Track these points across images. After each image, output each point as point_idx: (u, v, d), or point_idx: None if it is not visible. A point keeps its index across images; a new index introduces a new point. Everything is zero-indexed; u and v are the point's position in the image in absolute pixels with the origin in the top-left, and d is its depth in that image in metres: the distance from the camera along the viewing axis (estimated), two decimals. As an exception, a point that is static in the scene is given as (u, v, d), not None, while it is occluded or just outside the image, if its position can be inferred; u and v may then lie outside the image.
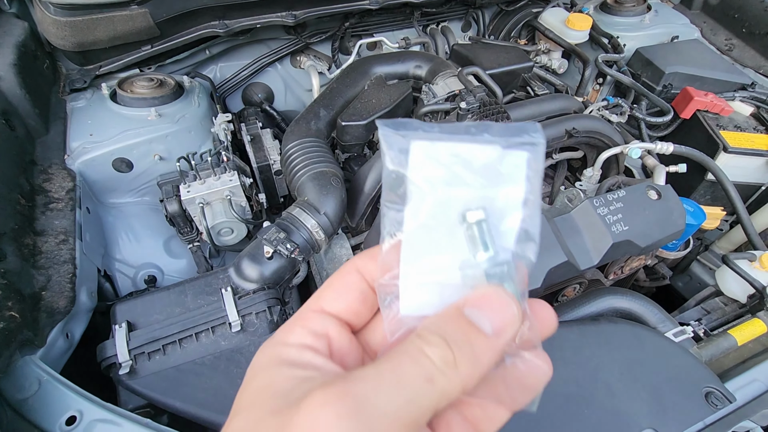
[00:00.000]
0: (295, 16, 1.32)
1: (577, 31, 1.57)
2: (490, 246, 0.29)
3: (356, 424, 0.24)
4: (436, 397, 0.26)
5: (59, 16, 1.10)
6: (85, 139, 1.10)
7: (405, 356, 0.27)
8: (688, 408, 0.74)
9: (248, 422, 0.27)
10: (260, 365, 0.30)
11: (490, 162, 0.29)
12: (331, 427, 0.24)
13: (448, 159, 0.29)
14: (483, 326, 0.28)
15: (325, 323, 0.32)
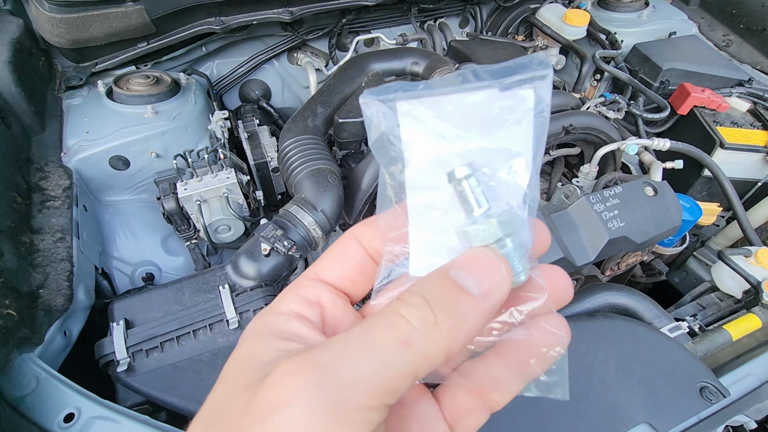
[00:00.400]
0: (291, 12, 1.32)
1: (575, 27, 1.56)
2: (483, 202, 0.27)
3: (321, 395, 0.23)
4: (414, 360, 0.25)
5: (54, 13, 1.10)
6: (82, 137, 1.10)
7: (380, 320, 0.26)
8: (683, 402, 0.75)
9: (221, 394, 0.26)
10: (248, 334, 0.29)
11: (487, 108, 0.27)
12: (294, 400, 0.23)
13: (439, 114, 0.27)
14: (469, 287, 0.26)
15: (319, 291, 0.31)
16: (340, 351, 0.25)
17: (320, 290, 0.31)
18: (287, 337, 0.28)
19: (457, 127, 0.27)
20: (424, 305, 0.26)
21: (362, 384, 0.24)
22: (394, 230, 0.30)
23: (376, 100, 0.28)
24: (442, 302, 0.26)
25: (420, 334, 0.25)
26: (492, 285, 0.27)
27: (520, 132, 0.27)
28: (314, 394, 0.23)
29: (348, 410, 0.23)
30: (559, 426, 0.71)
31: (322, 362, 0.24)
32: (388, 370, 0.24)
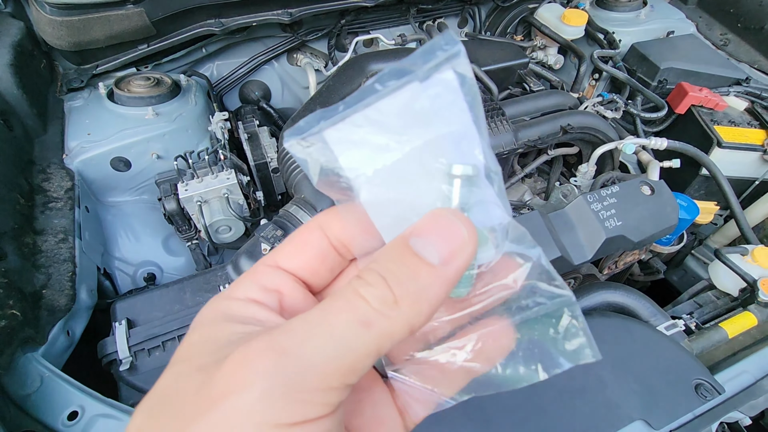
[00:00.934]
0: (290, 14, 1.33)
1: (573, 26, 1.57)
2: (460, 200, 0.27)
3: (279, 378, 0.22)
4: (375, 341, 0.24)
5: (55, 16, 1.11)
6: (83, 139, 1.11)
7: (338, 301, 0.25)
8: (678, 399, 0.75)
9: (172, 377, 0.25)
10: (202, 319, 0.28)
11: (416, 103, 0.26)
12: (251, 384, 0.22)
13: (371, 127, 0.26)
14: (429, 256, 0.25)
15: (278, 279, 0.30)
16: (300, 334, 0.24)
17: (279, 278, 0.30)
18: (246, 321, 0.27)
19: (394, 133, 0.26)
20: (381, 284, 0.25)
21: (322, 366, 0.23)
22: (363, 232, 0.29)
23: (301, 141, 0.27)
24: (401, 278, 0.25)
25: (379, 314, 0.24)
26: (452, 251, 0.25)
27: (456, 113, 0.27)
28: (272, 378, 0.22)
29: (307, 392, 0.23)
30: (555, 422, 0.72)
31: (282, 345, 0.23)
32: (349, 352, 0.24)
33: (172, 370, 0.26)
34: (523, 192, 1.39)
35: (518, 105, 1.25)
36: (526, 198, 1.38)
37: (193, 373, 0.24)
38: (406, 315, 0.25)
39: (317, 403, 0.23)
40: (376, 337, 0.24)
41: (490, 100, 1.18)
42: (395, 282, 0.25)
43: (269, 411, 0.22)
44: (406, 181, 0.27)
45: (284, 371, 0.23)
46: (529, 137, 1.17)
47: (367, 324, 0.24)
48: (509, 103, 1.24)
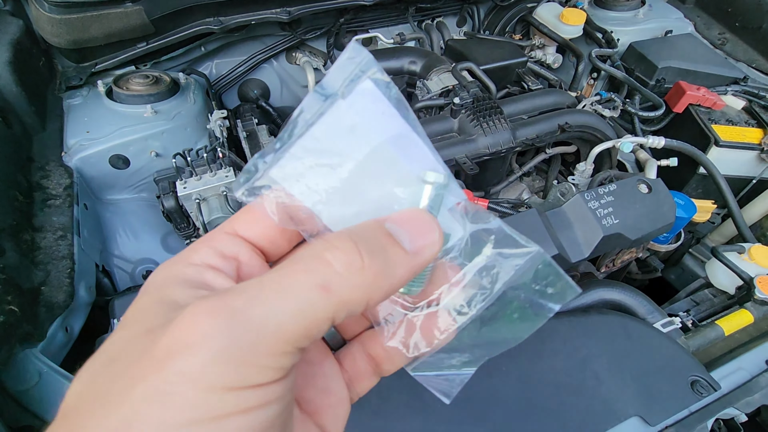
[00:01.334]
0: (289, 12, 1.33)
1: (571, 26, 1.57)
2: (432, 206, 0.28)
3: (229, 339, 0.21)
4: (333, 307, 0.24)
5: (54, 14, 1.11)
6: (82, 136, 1.11)
7: (299, 263, 0.24)
8: (674, 396, 0.76)
9: (118, 340, 0.24)
10: (153, 282, 0.27)
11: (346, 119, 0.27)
12: (199, 344, 0.21)
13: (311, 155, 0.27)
14: (402, 241, 0.26)
15: (236, 247, 0.29)
16: (254, 295, 0.23)
17: (237, 245, 0.29)
18: (199, 286, 0.26)
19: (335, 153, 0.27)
20: (351, 249, 0.24)
21: (274, 329, 0.22)
22: None
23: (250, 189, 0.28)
24: (373, 248, 0.25)
25: (342, 279, 0.24)
26: (424, 244, 0.26)
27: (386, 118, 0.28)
28: (221, 339, 0.21)
29: (258, 356, 0.22)
30: (551, 418, 0.72)
31: (233, 306, 0.22)
32: (303, 316, 0.23)
33: (118, 334, 0.24)
34: (521, 190, 1.40)
35: (516, 104, 1.25)
36: (524, 196, 1.38)
37: (139, 335, 0.23)
38: (368, 284, 0.24)
39: (269, 367, 0.22)
40: (334, 304, 0.24)
41: (488, 99, 1.19)
42: (366, 249, 0.25)
43: (217, 374, 0.21)
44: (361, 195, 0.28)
45: (235, 333, 0.22)
46: (528, 136, 1.17)
47: (326, 288, 0.23)
48: (507, 101, 1.25)
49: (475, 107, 1.16)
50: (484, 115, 1.15)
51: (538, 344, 0.81)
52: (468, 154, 1.11)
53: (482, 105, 1.16)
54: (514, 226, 0.93)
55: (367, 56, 0.27)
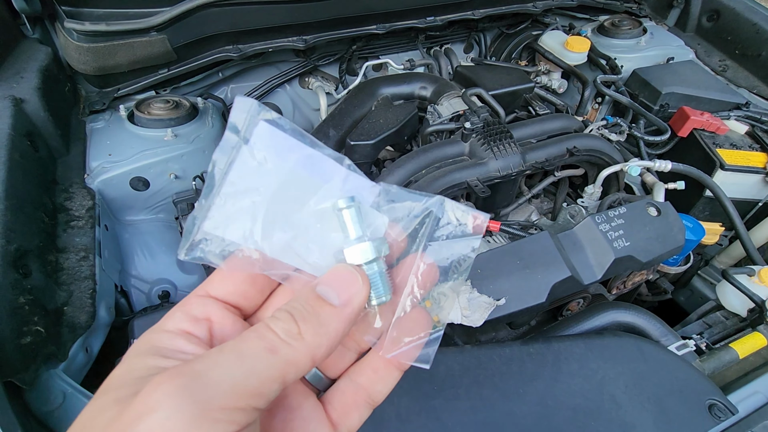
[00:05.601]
0: (305, 40, 1.38)
1: (576, 53, 1.62)
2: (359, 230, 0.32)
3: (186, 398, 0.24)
4: (280, 366, 0.28)
5: (82, 42, 1.16)
6: (104, 159, 1.15)
7: (251, 332, 0.29)
8: (692, 420, 0.76)
9: (91, 410, 0.27)
10: (131, 352, 0.30)
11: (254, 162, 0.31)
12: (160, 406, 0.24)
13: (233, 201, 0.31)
14: (331, 299, 0.31)
15: (207, 308, 0.32)
16: (214, 360, 0.27)
17: (208, 306, 0.32)
18: (169, 355, 0.29)
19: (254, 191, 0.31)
20: (288, 319, 0.29)
21: (228, 387, 0.25)
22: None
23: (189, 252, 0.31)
24: (305, 315, 0.30)
25: (285, 344, 0.28)
26: (350, 295, 0.31)
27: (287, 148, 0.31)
28: (180, 398, 0.24)
29: (212, 411, 0.25)
30: (571, 442, 0.72)
31: (191, 370, 0.26)
32: (254, 374, 0.27)
33: (93, 403, 0.27)
34: (530, 212, 1.42)
35: (525, 128, 1.29)
36: (533, 218, 1.40)
37: (110, 405, 0.26)
38: (308, 345, 0.29)
39: (223, 421, 0.25)
40: (281, 363, 0.28)
41: (498, 123, 1.22)
42: (300, 317, 0.30)
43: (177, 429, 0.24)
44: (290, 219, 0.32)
45: (192, 391, 0.25)
46: (537, 159, 1.20)
47: (273, 350, 0.28)
48: (516, 126, 1.28)
49: (485, 131, 1.19)
50: (495, 139, 1.18)
51: (554, 366, 0.81)
52: (479, 177, 1.14)
53: (492, 129, 1.20)
54: (526, 248, 0.94)
55: (254, 103, 0.31)
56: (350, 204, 0.32)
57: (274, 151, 0.31)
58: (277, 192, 0.31)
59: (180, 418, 0.24)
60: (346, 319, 0.31)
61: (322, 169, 0.32)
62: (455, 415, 0.74)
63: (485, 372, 0.79)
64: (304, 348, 0.29)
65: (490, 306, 0.89)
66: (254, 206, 0.31)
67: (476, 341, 1.06)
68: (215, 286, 0.33)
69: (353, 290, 0.31)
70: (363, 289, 0.31)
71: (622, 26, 1.75)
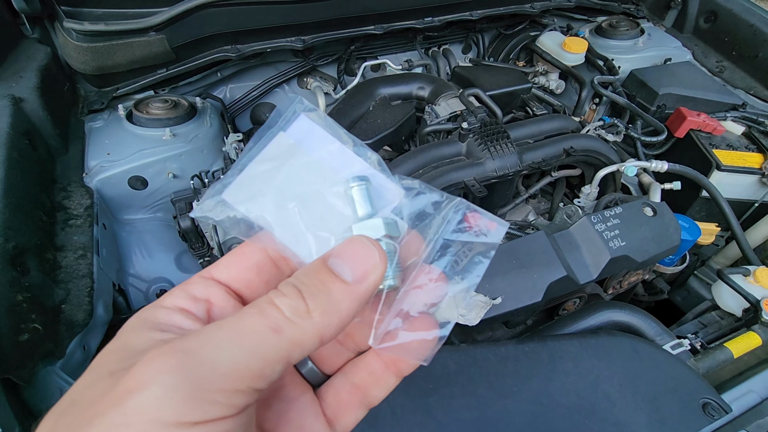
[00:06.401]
0: (303, 41, 1.39)
1: (574, 53, 1.63)
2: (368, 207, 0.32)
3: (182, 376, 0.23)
4: (285, 347, 0.26)
5: (81, 42, 1.16)
6: (103, 158, 1.15)
7: (252, 308, 0.26)
8: (686, 419, 0.76)
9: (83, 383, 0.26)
10: (126, 327, 0.28)
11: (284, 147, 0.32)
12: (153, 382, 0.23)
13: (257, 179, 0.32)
14: (344, 274, 0.28)
15: (209, 289, 0.31)
16: (210, 336, 0.25)
17: (210, 288, 0.31)
18: (165, 329, 0.27)
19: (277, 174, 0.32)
20: (296, 295, 0.27)
21: (228, 368, 0.24)
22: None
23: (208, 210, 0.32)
24: (314, 291, 0.27)
25: (290, 323, 0.26)
26: (365, 271, 0.28)
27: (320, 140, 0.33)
28: (175, 376, 0.23)
29: (209, 392, 0.23)
30: (565, 440, 0.73)
31: (188, 347, 0.24)
32: (256, 355, 0.25)
33: (85, 377, 0.26)
34: (527, 212, 1.42)
35: (522, 128, 1.29)
36: (530, 218, 1.40)
37: (103, 378, 0.25)
38: (317, 325, 0.27)
39: (221, 403, 0.23)
40: (285, 344, 0.26)
41: (495, 123, 1.22)
42: (309, 294, 0.27)
43: (169, 409, 0.22)
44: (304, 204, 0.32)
45: (188, 370, 0.23)
46: (534, 159, 1.21)
47: (277, 330, 0.25)
48: (513, 126, 1.29)
49: (482, 132, 1.20)
50: (492, 140, 1.18)
51: (549, 365, 0.82)
52: (476, 177, 1.14)
53: (489, 129, 1.20)
54: (522, 247, 0.95)
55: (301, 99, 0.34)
56: (360, 182, 0.32)
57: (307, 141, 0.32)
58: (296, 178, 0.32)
59: (173, 398, 0.22)
60: (360, 298, 0.28)
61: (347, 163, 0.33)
62: (450, 413, 0.74)
63: (480, 370, 0.80)
64: (311, 328, 0.26)
65: (486, 305, 0.89)
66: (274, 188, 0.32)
67: (473, 340, 1.07)
68: (221, 269, 0.32)
69: (369, 265, 0.28)
70: (380, 265, 0.28)
71: (619, 27, 1.76)
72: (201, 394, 0.23)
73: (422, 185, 0.34)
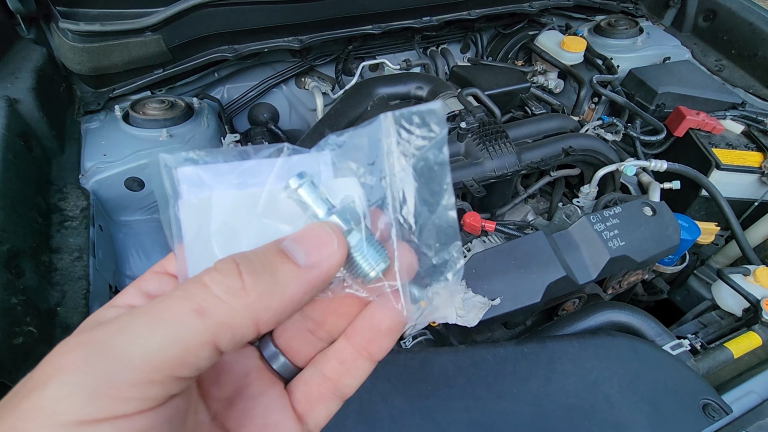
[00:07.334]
0: (301, 41, 1.38)
1: (572, 53, 1.62)
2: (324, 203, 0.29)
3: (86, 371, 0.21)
4: (210, 330, 0.23)
5: (77, 43, 1.16)
6: (99, 159, 1.14)
7: (176, 290, 0.24)
8: (687, 420, 0.76)
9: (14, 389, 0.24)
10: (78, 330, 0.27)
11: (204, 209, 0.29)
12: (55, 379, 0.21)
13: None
14: (297, 257, 0.26)
15: (164, 285, 0.29)
16: (122, 325, 0.23)
17: (165, 283, 0.29)
18: None
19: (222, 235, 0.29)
20: (232, 271, 0.24)
21: (139, 358, 0.22)
22: None
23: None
24: (256, 268, 0.25)
25: (218, 302, 0.23)
26: (320, 257, 0.26)
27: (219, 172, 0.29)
28: (78, 371, 0.21)
29: (118, 386, 0.21)
30: (565, 442, 0.72)
31: (97, 338, 0.22)
32: (175, 341, 0.22)
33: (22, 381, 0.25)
34: (526, 212, 1.42)
35: (521, 128, 1.29)
36: (529, 218, 1.40)
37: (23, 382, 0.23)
38: (251, 305, 0.24)
39: (131, 398, 0.22)
40: (210, 327, 0.23)
41: (494, 123, 1.22)
42: (249, 270, 0.24)
43: (69, 407, 0.21)
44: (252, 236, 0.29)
45: (95, 364, 0.21)
46: (533, 159, 1.20)
47: (201, 311, 0.23)
48: (512, 126, 1.28)
49: (481, 131, 1.19)
50: (490, 139, 1.18)
51: (549, 366, 0.81)
52: (475, 177, 1.14)
53: (488, 129, 1.20)
54: (521, 248, 0.94)
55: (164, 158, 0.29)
56: (301, 180, 0.28)
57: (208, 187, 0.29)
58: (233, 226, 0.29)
59: (75, 395, 0.21)
60: (310, 284, 0.26)
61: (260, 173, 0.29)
62: (449, 415, 0.74)
63: (479, 372, 0.79)
64: (243, 308, 0.24)
65: (484, 306, 0.89)
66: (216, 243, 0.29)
67: (472, 341, 1.06)
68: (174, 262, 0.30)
69: (325, 252, 0.26)
70: (337, 253, 0.26)
71: (618, 26, 1.75)
72: (107, 389, 0.21)
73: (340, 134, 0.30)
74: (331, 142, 0.31)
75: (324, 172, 0.30)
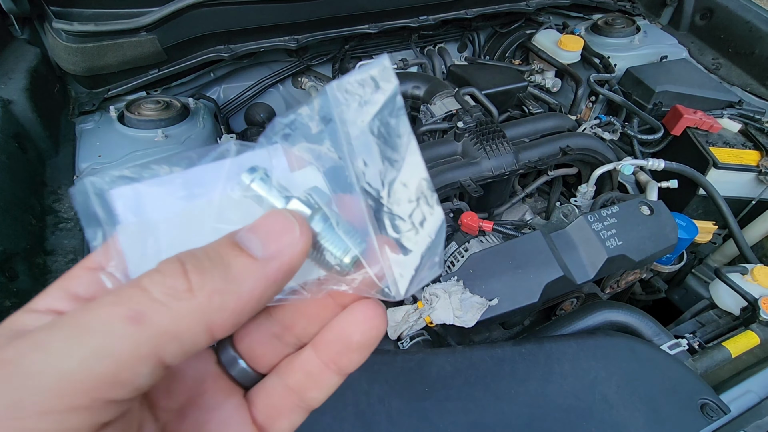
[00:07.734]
0: (297, 40, 1.37)
1: (570, 51, 1.62)
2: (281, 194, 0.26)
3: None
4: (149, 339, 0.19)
5: (71, 43, 1.15)
6: (94, 160, 1.13)
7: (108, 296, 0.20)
8: (685, 419, 0.76)
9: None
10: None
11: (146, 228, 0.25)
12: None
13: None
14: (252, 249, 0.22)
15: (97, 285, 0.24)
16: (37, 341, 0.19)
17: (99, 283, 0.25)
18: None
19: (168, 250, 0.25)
20: (176, 271, 0.21)
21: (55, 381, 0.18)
22: None
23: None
24: (205, 265, 0.21)
25: (158, 306, 0.20)
26: (280, 247, 0.23)
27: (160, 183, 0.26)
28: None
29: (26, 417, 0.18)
30: (562, 443, 0.72)
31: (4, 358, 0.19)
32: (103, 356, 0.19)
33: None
34: (524, 212, 1.41)
35: (518, 127, 1.28)
36: (527, 217, 1.40)
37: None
38: (200, 307, 0.20)
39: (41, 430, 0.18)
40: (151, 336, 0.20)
41: (491, 123, 1.22)
42: (195, 268, 0.21)
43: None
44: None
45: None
46: (530, 158, 1.20)
47: (136, 318, 0.19)
48: (510, 125, 1.28)
49: (478, 131, 1.19)
50: (488, 139, 1.17)
51: (546, 366, 0.81)
52: (472, 177, 1.14)
53: (485, 129, 1.19)
54: (519, 248, 0.94)
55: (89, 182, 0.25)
56: (253, 174, 0.25)
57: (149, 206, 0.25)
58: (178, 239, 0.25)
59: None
60: (269, 279, 0.22)
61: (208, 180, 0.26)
62: (446, 417, 0.73)
63: (477, 373, 0.79)
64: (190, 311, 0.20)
65: (482, 306, 0.88)
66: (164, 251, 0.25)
67: (469, 342, 1.06)
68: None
69: (286, 240, 0.23)
70: (300, 240, 0.23)
71: (615, 25, 1.75)
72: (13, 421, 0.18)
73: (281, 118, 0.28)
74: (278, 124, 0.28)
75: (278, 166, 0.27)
